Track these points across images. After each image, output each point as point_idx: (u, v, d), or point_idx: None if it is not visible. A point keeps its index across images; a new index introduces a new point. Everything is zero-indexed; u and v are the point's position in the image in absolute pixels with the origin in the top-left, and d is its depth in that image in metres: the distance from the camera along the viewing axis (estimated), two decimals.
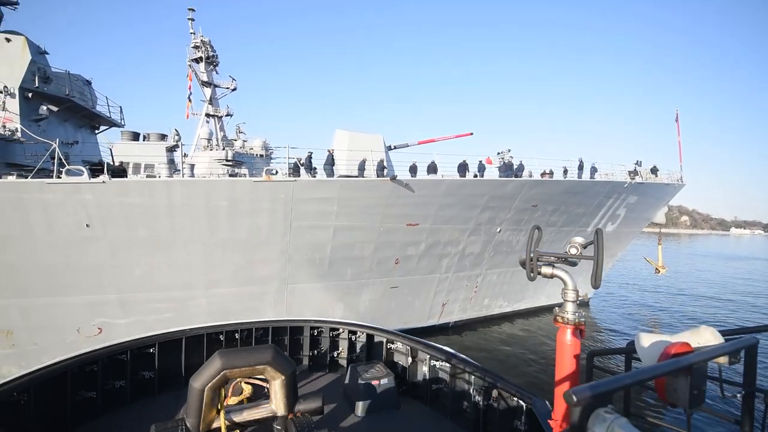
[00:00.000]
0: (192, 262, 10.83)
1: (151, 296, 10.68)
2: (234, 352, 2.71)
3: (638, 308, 24.29)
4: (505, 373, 11.58)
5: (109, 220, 9.73)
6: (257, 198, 10.74)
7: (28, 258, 9.49)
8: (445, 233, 14.47)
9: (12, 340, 9.96)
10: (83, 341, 10.52)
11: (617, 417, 1.53)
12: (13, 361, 10.15)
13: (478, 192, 13.80)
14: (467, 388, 5.16)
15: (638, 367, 2.18)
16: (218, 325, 6.31)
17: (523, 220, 16.55)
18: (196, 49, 24.22)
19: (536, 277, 2.74)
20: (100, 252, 9.89)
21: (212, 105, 26.55)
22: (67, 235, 9.54)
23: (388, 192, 11.99)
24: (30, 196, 9.19)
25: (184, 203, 10.29)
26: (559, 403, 2.64)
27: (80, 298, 10.08)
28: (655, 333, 2.38)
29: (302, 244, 11.77)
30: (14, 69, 13.37)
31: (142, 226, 10.06)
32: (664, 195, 24.06)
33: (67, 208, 9.37)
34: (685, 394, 1.91)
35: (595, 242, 2.49)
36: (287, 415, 2.85)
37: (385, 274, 14.15)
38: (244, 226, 10.89)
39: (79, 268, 9.88)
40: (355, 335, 6.68)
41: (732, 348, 2.05)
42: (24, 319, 9.90)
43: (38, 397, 4.28)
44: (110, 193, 9.57)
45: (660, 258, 26.76)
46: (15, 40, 13.73)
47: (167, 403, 5.35)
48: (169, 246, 10.49)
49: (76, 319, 10.30)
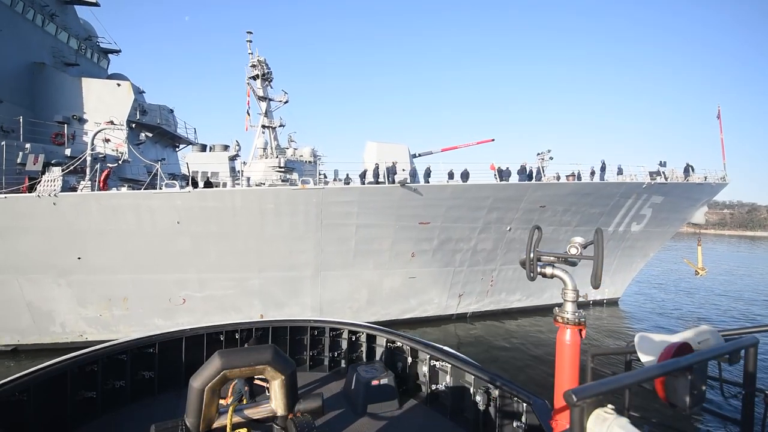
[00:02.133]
0: (248, 251, 14.16)
1: (219, 276, 14.17)
2: (234, 352, 2.73)
3: (673, 309, 23.87)
4: (516, 368, 13.05)
5: (192, 218, 13.32)
6: (295, 202, 13.81)
7: (139, 245, 13.35)
8: (456, 231, 16.53)
9: (127, 304, 13.92)
10: (173, 308, 14.27)
11: (617, 417, 1.52)
12: (126, 320, 14.13)
13: (481, 195, 15.73)
14: (467, 387, 5.14)
15: (638, 367, 2.17)
16: (218, 325, 6.46)
17: (533, 219, 17.98)
18: (253, 67, 26.28)
19: (536, 278, 2.75)
20: (186, 242, 13.53)
21: (267, 117, 28.76)
22: (164, 229, 13.27)
23: (399, 196, 14.46)
24: (141, 202, 13.02)
25: (242, 206, 13.64)
26: (559, 403, 2.64)
27: (171, 276, 13.81)
28: (655, 333, 2.37)
29: (331, 238, 14.65)
30: (123, 107, 17.83)
31: (213, 223, 13.55)
32: (699, 195, 23.64)
33: (164, 210, 13.09)
34: (685, 394, 1.89)
35: (595, 242, 2.49)
36: (287, 415, 2.86)
37: (403, 265, 16.56)
38: (285, 223, 14.01)
39: (171, 254, 13.59)
40: (355, 335, 6.75)
41: (732, 348, 2.02)
42: (135, 290, 13.81)
43: (38, 397, 4.33)
44: (193, 199, 13.17)
45: (700, 260, 26.17)
46: (123, 85, 18.23)
47: (167, 403, 5.41)
48: (232, 238, 13.89)
49: (168, 291, 14.05)
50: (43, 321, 13.49)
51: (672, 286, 30.68)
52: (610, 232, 21.63)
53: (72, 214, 12.52)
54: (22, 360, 13.12)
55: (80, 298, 13.38)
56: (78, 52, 20.92)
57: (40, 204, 12.28)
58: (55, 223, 12.49)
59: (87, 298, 13.44)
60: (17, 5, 17.22)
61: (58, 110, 17.35)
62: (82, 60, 21.15)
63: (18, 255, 12.63)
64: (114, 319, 13.91)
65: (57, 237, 12.64)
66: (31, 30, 18.07)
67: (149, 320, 14.24)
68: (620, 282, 24.76)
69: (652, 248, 25.38)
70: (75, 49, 20.75)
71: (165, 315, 14.36)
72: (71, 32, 20.55)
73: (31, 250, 12.62)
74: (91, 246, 12.89)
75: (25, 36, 17.64)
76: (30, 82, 17.54)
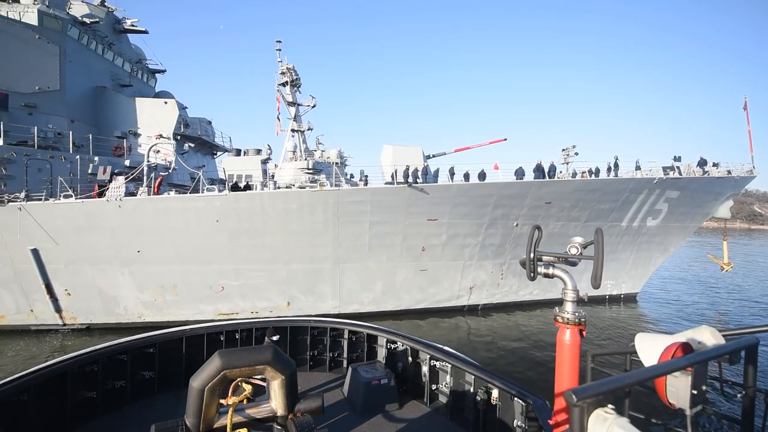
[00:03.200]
0: (275, 246, 16.18)
1: (252, 267, 16.31)
2: (234, 352, 2.75)
3: (693, 305, 23.55)
4: (525, 360, 13.86)
5: (229, 217, 15.50)
6: (315, 202, 15.67)
7: (185, 240, 15.70)
8: (463, 227, 17.78)
9: (176, 291, 16.35)
10: (213, 295, 16.55)
11: (617, 417, 1.53)
12: (176, 304, 16.55)
13: (486, 193, 16.90)
14: (467, 387, 5.15)
15: (638, 367, 2.21)
16: (218, 324, 6.50)
17: (540, 215, 18.86)
18: (283, 75, 27.29)
19: (536, 277, 2.76)
20: (223, 238, 15.75)
21: (296, 121, 29.73)
22: (205, 226, 15.54)
23: (407, 195, 15.96)
24: (187, 204, 15.36)
25: (270, 207, 15.67)
26: (559, 403, 2.66)
27: (212, 267, 16.09)
28: (655, 333, 2.38)
29: (347, 234, 16.40)
30: (170, 122, 20.50)
31: (246, 221, 15.67)
32: (722, 188, 23.32)
33: (206, 210, 15.35)
34: (685, 394, 1.90)
35: (595, 242, 2.49)
36: (287, 415, 2.88)
37: (414, 259, 18.02)
38: (307, 221, 15.91)
39: (211, 248, 15.86)
40: (355, 335, 6.78)
41: (732, 348, 2.02)
42: (182, 279, 16.21)
43: (39, 396, 4.36)
44: (229, 200, 15.36)
45: (725, 255, 25.72)
46: (169, 103, 20.93)
47: (167, 403, 5.42)
48: (262, 234, 15.96)
49: (209, 280, 16.35)
50: (110, 304, 16.19)
51: (696, 282, 30.03)
52: (624, 227, 21.92)
53: (133, 215, 15.06)
54: (94, 336, 15.85)
55: (139, 285, 15.96)
56: (131, 74, 24.01)
57: (108, 207, 14.89)
58: (119, 222, 15.07)
59: (145, 285, 15.99)
60: (83, 39, 20.28)
61: (117, 126, 20.31)
62: (135, 81, 24.23)
63: (90, 249, 15.33)
64: (166, 303, 16.40)
65: (121, 234, 15.23)
66: (94, 58, 21.15)
67: (194, 305, 16.64)
68: (638, 277, 24.78)
69: (672, 243, 25.19)
70: (128, 72, 23.84)
71: (207, 301, 16.70)
72: (125, 57, 23.63)
73: (101, 245, 15.29)
74: (148, 241, 15.39)
75: (89, 64, 20.71)
76: (94, 103, 20.59)
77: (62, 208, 14.70)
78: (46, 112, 17.92)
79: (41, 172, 15.80)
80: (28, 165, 15.33)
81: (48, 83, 18.34)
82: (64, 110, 18.65)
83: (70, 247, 15.10)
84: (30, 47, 18.00)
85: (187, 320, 16.72)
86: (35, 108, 17.72)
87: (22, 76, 17.73)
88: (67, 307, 15.95)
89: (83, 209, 14.88)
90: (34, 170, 15.55)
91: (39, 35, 18.17)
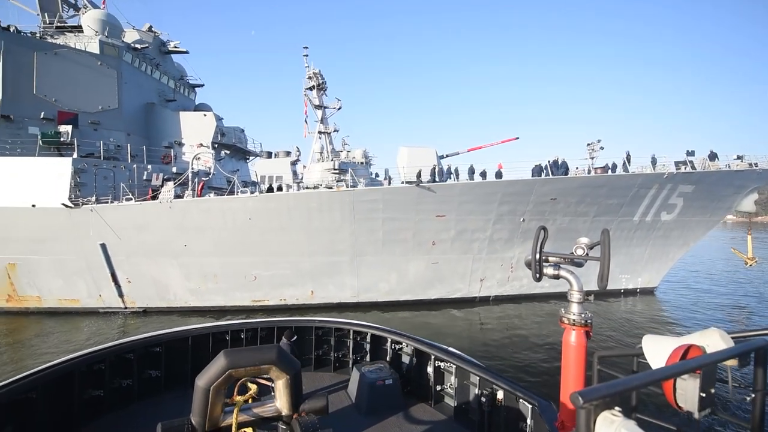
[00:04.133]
0: (300, 240, 18.27)
1: (280, 259, 18.50)
2: (239, 352, 2.73)
3: (714, 301, 23.16)
4: (529, 353, 14.66)
5: (260, 215, 17.74)
6: (334, 201, 17.59)
7: (224, 236, 18.11)
8: (470, 223, 19.08)
9: (216, 280, 18.85)
10: (247, 284, 18.88)
11: (624, 420, 1.53)
12: (216, 292, 19.05)
13: (490, 191, 18.13)
14: (472, 389, 5.12)
15: (646, 369, 2.19)
16: (223, 324, 6.52)
17: (546, 211, 19.78)
18: (309, 79, 28.65)
19: (542, 278, 2.77)
20: (256, 233, 18.02)
21: (323, 124, 31.10)
22: (240, 224, 17.87)
23: (416, 194, 17.53)
24: (224, 205, 17.75)
25: (294, 206, 17.76)
26: (565, 404, 2.67)
27: (246, 259, 18.43)
28: (663, 335, 2.38)
29: (363, 230, 18.21)
30: (208, 132, 23.18)
31: (275, 218, 17.85)
32: (744, 182, 23.02)
33: (240, 210, 17.67)
34: (694, 397, 1.88)
35: (601, 243, 2.50)
36: (292, 414, 2.86)
37: (425, 252, 19.55)
38: (327, 218, 17.87)
39: (245, 243, 18.18)
40: (360, 335, 6.81)
41: (742, 350, 2.00)
42: (221, 269, 18.67)
43: (47, 394, 4.45)
44: (260, 201, 17.60)
45: (750, 249, 25.35)
46: (208, 115, 23.63)
47: (173, 402, 5.46)
48: (288, 231, 18.09)
49: (244, 271, 18.71)
50: (162, 291, 18.94)
51: (719, 276, 29.45)
52: (636, 222, 22.25)
53: (180, 214, 17.63)
54: (151, 317, 18.64)
55: (186, 275, 18.58)
56: (175, 90, 27.04)
57: (161, 208, 17.55)
58: (169, 221, 17.70)
59: (190, 275, 18.59)
60: (135, 62, 23.33)
61: (164, 137, 23.24)
62: (178, 95, 27.25)
63: (146, 243, 18.08)
64: (208, 290, 18.94)
65: (171, 231, 17.85)
66: (144, 78, 24.21)
67: (232, 293, 19.08)
68: (655, 271, 24.85)
69: (691, 237, 25.02)
70: (172, 88, 26.87)
71: (242, 289, 19.09)
72: (170, 75, 26.67)
73: (155, 240, 17.99)
74: (193, 237, 17.93)
75: (140, 83, 23.77)
76: (145, 118, 23.63)
77: (124, 209, 17.51)
78: (107, 128, 21.02)
79: (106, 179, 18.78)
80: (96, 174, 18.31)
81: (108, 103, 21.44)
82: (122, 125, 21.73)
83: (131, 242, 17.91)
84: (93, 72, 21.15)
85: (225, 306, 19.24)
86: (99, 125, 20.84)
87: (88, 97, 20.89)
88: (128, 293, 18.86)
89: (141, 210, 17.62)
90: (101, 178, 18.54)
91: (100, 62, 21.30)
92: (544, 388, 10.75)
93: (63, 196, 17.30)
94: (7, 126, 18.54)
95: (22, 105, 19.03)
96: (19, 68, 18.97)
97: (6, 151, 18.19)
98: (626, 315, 19.92)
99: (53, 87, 19.89)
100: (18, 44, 19.19)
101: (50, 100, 19.75)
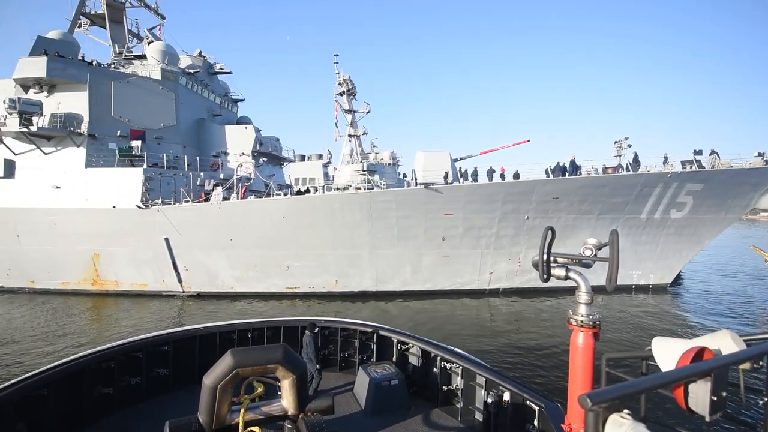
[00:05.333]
0: (326, 236, 21.15)
1: (308, 251, 21.50)
2: (245, 351, 2.79)
3: (730, 298, 23.02)
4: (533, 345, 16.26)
5: (291, 215, 20.81)
6: (354, 201, 20.30)
7: (262, 232, 21.34)
8: (477, 220, 21.08)
9: (257, 269, 22.16)
10: (282, 273, 22.03)
11: (633, 423, 1.53)
12: (256, 280, 22.37)
13: (493, 191, 20.06)
14: (478, 390, 5.09)
15: (655, 372, 2.16)
16: (231, 324, 6.60)
17: (549, 209, 21.33)
18: (340, 85, 30.40)
19: (549, 279, 2.78)
20: (288, 229, 21.12)
21: (352, 127, 33.05)
22: (275, 222, 21.05)
23: (424, 195, 19.83)
24: (262, 205, 21.00)
25: (321, 206, 20.66)
26: (572, 407, 2.65)
27: (280, 251, 21.60)
28: (673, 337, 2.33)
29: (379, 227, 20.78)
30: (249, 143, 26.74)
31: (304, 217, 20.85)
32: (760, 179, 23.11)
33: (276, 210, 20.84)
34: (704, 400, 1.84)
35: (610, 244, 2.49)
36: (298, 414, 2.91)
37: (436, 247, 21.77)
38: (348, 216, 20.61)
39: (280, 238, 21.34)
40: (366, 336, 6.84)
41: (754, 353, 1.97)
42: (261, 260, 21.96)
43: (58, 392, 4.61)
44: (292, 202, 20.69)
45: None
46: (249, 128, 27.22)
47: (181, 400, 5.61)
48: (315, 227, 21.02)
49: (279, 262, 21.89)
50: (212, 278, 22.55)
51: (739, 274, 29.11)
52: (644, 219, 23.06)
53: (227, 214, 21.08)
54: (204, 299, 22.27)
55: (231, 265, 22.04)
56: (220, 105, 31.02)
57: (211, 209, 21.09)
58: (219, 220, 21.19)
59: (235, 265, 22.04)
60: (188, 84, 27.35)
61: (212, 148, 27.08)
62: (223, 110, 31.23)
63: (200, 238, 21.70)
64: (249, 278, 22.31)
65: (220, 228, 21.35)
66: (196, 97, 28.24)
67: (269, 280, 22.31)
68: (668, 268, 25.29)
69: (706, 235, 25.15)
70: (218, 104, 30.85)
71: (278, 277, 22.26)
72: (216, 93, 30.67)
73: (207, 235, 21.57)
74: (237, 233, 21.33)
75: (193, 102, 27.79)
76: (197, 131, 27.62)
77: (183, 210, 21.22)
78: (168, 142, 25.06)
79: (168, 185, 22.67)
80: (161, 180, 22.22)
81: (168, 120, 25.50)
82: (179, 139, 25.73)
83: (188, 237, 21.62)
84: (156, 95, 25.27)
85: (264, 291, 22.49)
86: (161, 139, 24.91)
87: (152, 116, 25.02)
88: (185, 279, 22.64)
89: (196, 210, 21.25)
90: (164, 184, 22.44)
91: (161, 86, 25.38)
92: (551, 376, 11.98)
93: (136, 199, 21.30)
94: (93, 143, 22.89)
95: (103, 125, 23.37)
96: (101, 95, 23.33)
97: (92, 163, 22.52)
98: (632, 310, 20.05)
99: (126, 109, 24.15)
100: (100, 76, 23.58)
101: (124, 120, 24.01)
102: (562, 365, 12.78)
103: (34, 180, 22.33)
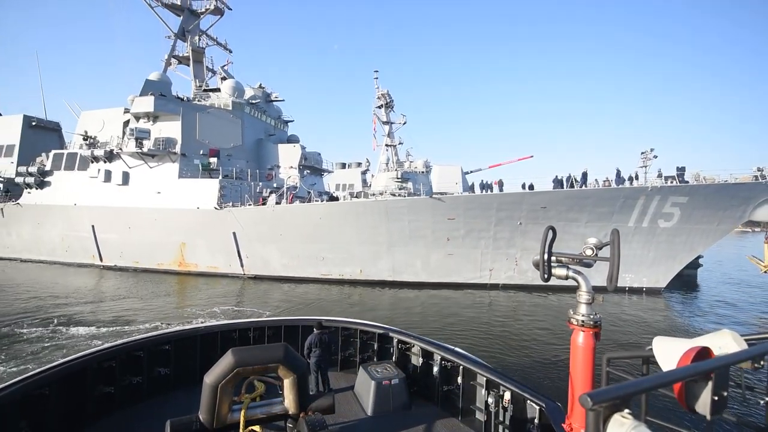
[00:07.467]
0: (351, 234, 26.66)
1: (339, 246, 27.13)
2: (246, 350, 2.79)
3: (724, 304, 23.82)
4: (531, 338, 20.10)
5: (326, 216, 26.60)
6: (373, 207, 25.64)
7: (304, 229, 27.30)
8: (476, 224, 25.42)
9: (299, 259, 28.17)
10: (318, 262, 27.84)
11: (634, 422, 1.53)
12: (297, 267, 28.38)
13: (487, 201, 24.38)
14: (479, 389, 5.16)
15: (656, 371, 2.14)
16: (232, 323, 6.78)
17: (539, 217, 25.06)
18: (379, 99, 34.82)
19: (550, 278, 2.82)
20: (323, 230, 26.92)
21: (389, 137, 37.75)
22: (314, 222, 26.91)
23: (431, 203, 24.67)
24: (305, 209, 27.02)
25: (348, 210, 26.23)
26: (573, 407, 2.67)
27: (317, 245, 27.43)
28: (674, 336, 2.34)
29: (395, 228, 25.92)
30: (296, 158, 33.22)
31: (335, 219, 26.52)
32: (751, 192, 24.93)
33: (315, 213, 26.74)
34: (706, 400, 1.84)
35: (611, 244, 2.49)
36: (299, 413, 2.92)
37: (442, 246, 26.40)
38: (370, 219, 25.96)
39: (318, 234, 27.18)
40: (367, 335, 6.93)
41: (755, 353, 1.97)
42: (302, 251, 27.92)
43: (59, 391, 4.60)
44: (326, 207, 26.52)
45: (766, 257, 26.93)
46: (296, 146, 33.73)
47: (182, 400, 5.66)
48: (344, 226, 26.59)
49: (316, 253, 27.71)
50: (266, 264, 28.97)
51: (736, 282, 30.31)
52: (632, 227, 25.76)
53: (279, 215, 27.37)
54: (259, 281, 28.69)
55: (281, 254, 28.30)
56: (274, 127, 38.02)
57: (267, 211, 27.49)
58: (273, 220, 27.53)
59: (283, 254, 28.27)
60: (251, 111, 34.48)
61: (268, 162, 33.89)
62: (276, 131, 38.20)
63: (259, 233, 28.17)
64: (293, 266, 28.43)
65: (274, 225, 27.67)
66: (256, 122, 35.32)
67: (308, 268, 28.24)
68: (662, 273, 27.48)
69: (699, 244, 26.95)
70: (273, 125, 37.86)
71: (315, 266, 28.12)
72: (271, 116, 37.70)
73: (263, 231, 28.00)
74: (285, 230, 27.53)
75: (254, 125, 34.87)
76: (257, 150, 34.62)
77: (246, 211, 27.85)
78: (235, 158, 32.18)
79: (236, 192, 29.55)
80: (231, 188, 29.14)
81: (235, 141, 32.65)
82: (244, 156, 32.82)
83: (249, 232, 28.21)
84: (227, 122, 32.52)
85: (305, 277, 28.44)
86: (231, 156, 32.06)
87: (224, 138, 32.27)
88: (246, 265, 29.29)
89: (256, 212, 27.78)
90: (233, 191, 29.36)
91: (232, 115, 32.61)
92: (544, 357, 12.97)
93: (213, 203, 28.30)
94: (183, 160, 30.42)
95: (190, 146, 30.89)
96: (189, 123, 30.90)
97: (183, 175, 30.02)
98: (617, 311, 21.08)
99: (206, 133, 31.56)
100: (189, 108, 31.21)
101: (204, 142, 31.42)
102: (549, 346, 14.28)
103: (142, 187, 30.28)
